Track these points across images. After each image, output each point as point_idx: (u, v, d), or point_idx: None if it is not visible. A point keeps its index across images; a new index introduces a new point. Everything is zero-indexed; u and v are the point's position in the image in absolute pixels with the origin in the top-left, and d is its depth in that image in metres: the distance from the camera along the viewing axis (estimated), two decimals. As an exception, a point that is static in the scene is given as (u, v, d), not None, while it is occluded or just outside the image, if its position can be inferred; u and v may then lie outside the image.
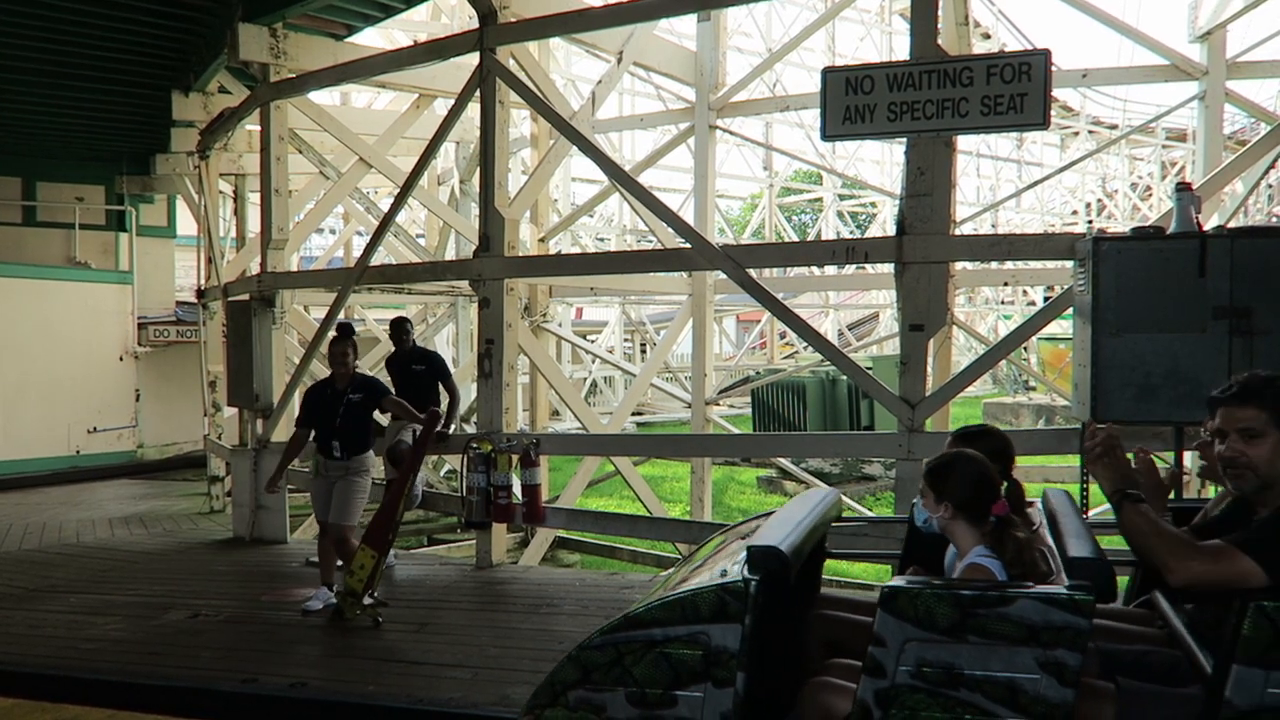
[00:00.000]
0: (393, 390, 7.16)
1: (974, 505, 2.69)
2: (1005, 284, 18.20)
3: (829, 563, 3.75)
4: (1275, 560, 2.20)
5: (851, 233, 29.85)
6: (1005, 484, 2.89)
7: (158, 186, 15.61)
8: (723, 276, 9.13)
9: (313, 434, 6.47)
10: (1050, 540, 2.75)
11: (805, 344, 25.16)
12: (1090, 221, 27.87)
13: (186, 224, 16.60)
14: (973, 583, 2.49)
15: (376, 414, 6.73)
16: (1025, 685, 2.29)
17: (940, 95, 5.37)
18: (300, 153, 9.62)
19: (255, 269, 9.59)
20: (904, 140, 5.87)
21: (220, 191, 12.58)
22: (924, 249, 5.58)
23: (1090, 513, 5.49)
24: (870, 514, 10.90)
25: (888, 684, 2.38)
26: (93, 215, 15.95)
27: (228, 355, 9.69)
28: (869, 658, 2.40)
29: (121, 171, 15.86)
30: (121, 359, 15.20)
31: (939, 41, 5.63)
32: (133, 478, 13.88)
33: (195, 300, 13.54)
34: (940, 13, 5.82)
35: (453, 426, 7.46)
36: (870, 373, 6.86)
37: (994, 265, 12.74)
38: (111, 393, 14.92)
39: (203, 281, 12.00)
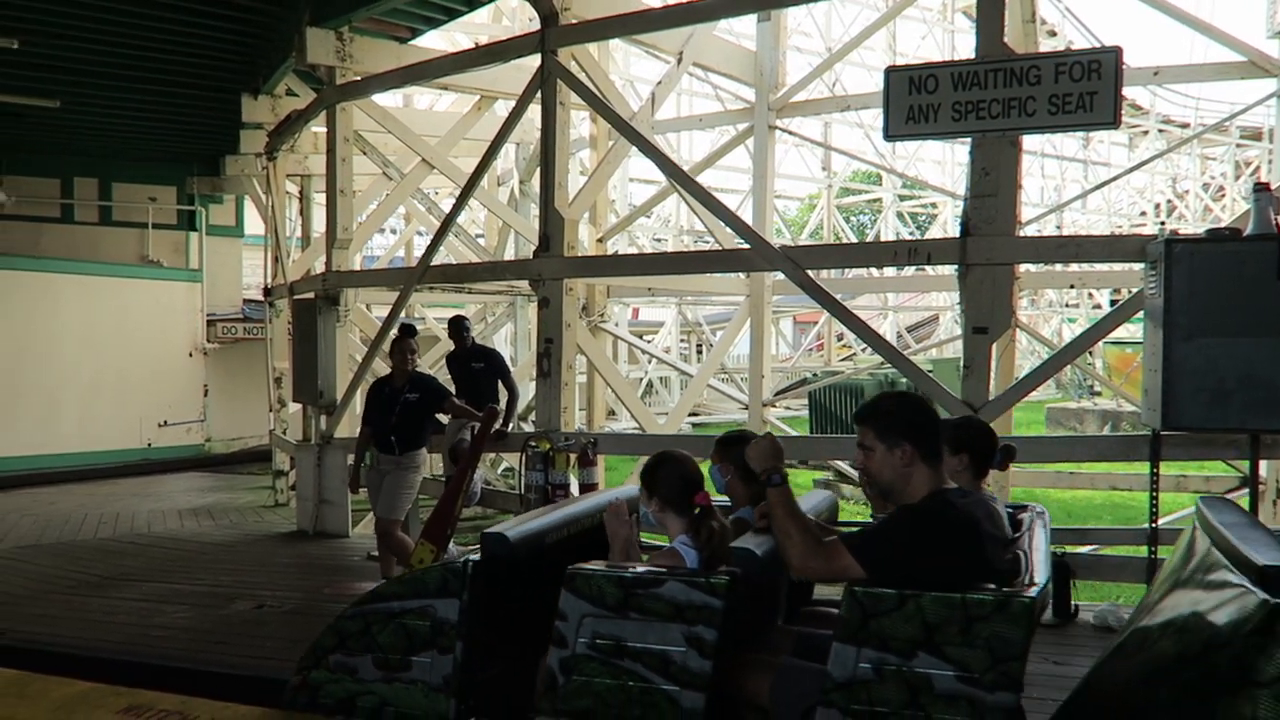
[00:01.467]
0: (453, 388, 7.26)
1: (677, 499, 2.98)
2: (1071, 286, 17.86)
3: None
4: (872, 556, 2.51)
5: (911, 234, 29.45)
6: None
7: (227, 187, 16.03)
8: (781, 277, 9.10)
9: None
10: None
11: (863, 346, 24.92)
12: (1162, 223, 27.11)
13: (254, 224, 17.03)
14: (649, 565, 2.86)
15: (439, 414, 6.83)
16: (674, 656, 2.62)
17: (1006, 94, 5.29)
18: (364, 154, 9.79)
19: (320, 268, 9.79)
20: (968, 140, 5.79)
21: (286, 192, 12.87)
22: (988, 250, 5.49)
23: (1160, 520, 5.35)
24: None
25: (569, 654, 2.68)
26: (165, 215, 16.43)
27: (293, 352, 9.91)
28: (555, 630, 2.70)
29: (192, 172, 16.33)
30: (191, 355, 15.63)
31: (1005, 39, 5.53)
32: (201, 470, 14.28)
33: (262, 298, 13.88)
34: (1006, 10, 5.71)
35: (511, 424, 7.53)
36: (931, 376, 6.76)
37: (1058, 267, 12.49)
38: (181, 388, 15.36)
39: (269, 280, 12.29)
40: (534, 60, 7.22)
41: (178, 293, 15.66)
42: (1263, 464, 5.05)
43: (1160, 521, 5.33)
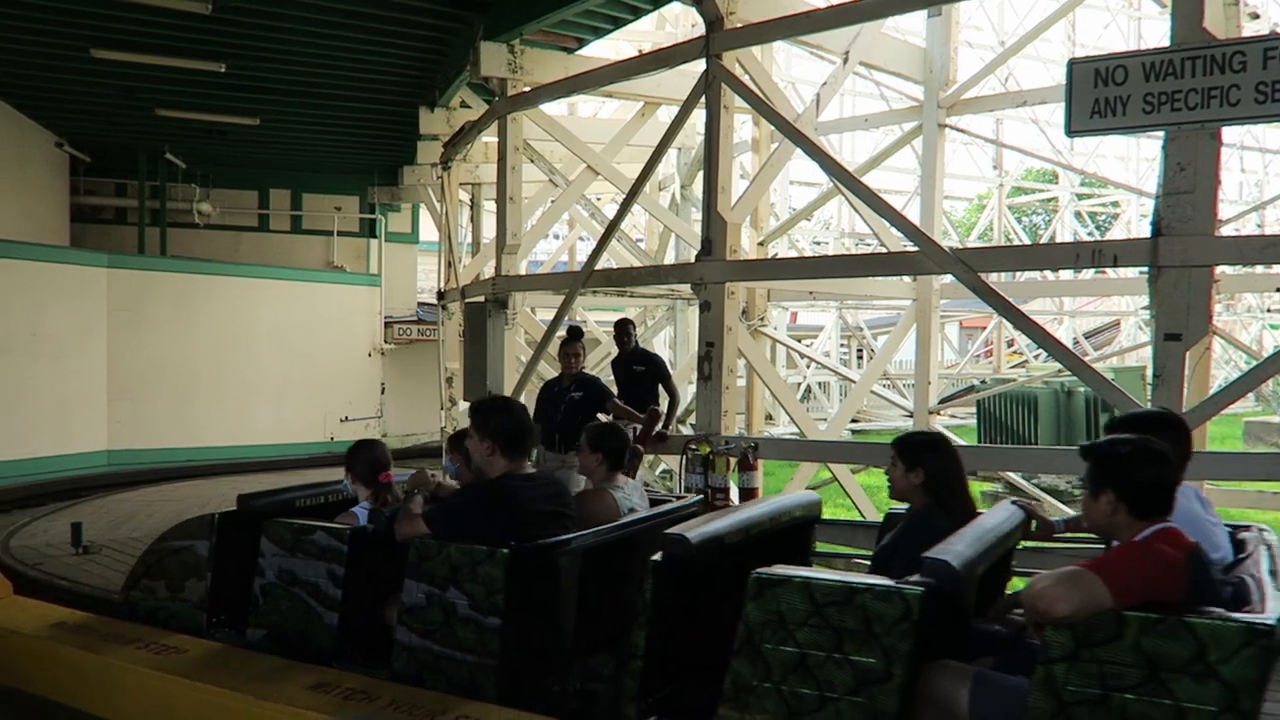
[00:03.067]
0: (615, 390, 7.39)
1: (368, 476, 4.20)
2: (1278, 290, 16.36)
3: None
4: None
5: (1090, 234, 27.79)
6: None
7: (404, 196, 16.92)
8: (949, 281, 8.78)
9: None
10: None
11: (1037, 353, 23.72)
12: (1382, 220, 24.50)
13: (428, 230, 17.91)
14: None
15: (600, 415, 6.97)
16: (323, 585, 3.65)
17: (1206, 83, 4.91)
18: (532, 162, 10.11)
19: (489, 272, 10.18)
20: (1158, 134, 5.42)
21: (459, 200, 13.47)
22: (1183, 251, 5.11)
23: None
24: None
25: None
26: (348, 223, 17.52)
27: (463, 353, 10.33)
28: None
29: (373, 182, 17.34)
30: (370, 355, 16.57)
31: (1204, 24, 5.14)
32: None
33: (435, 301, 14.56)
34: (1207, -7, 5.31)
35: (671, 427, 7.59)
36: (1115, 385, 6.37)
37: (1259, 270, 11.49)
38: (361, 386, 16.31)
39: (442, 284, 12.87)
40: (697, 65, 7.26)
41: (359, 296, 16.64)
42: None
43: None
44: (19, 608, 4.64)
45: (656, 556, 2.90)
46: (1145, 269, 5.40)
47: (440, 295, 12.86)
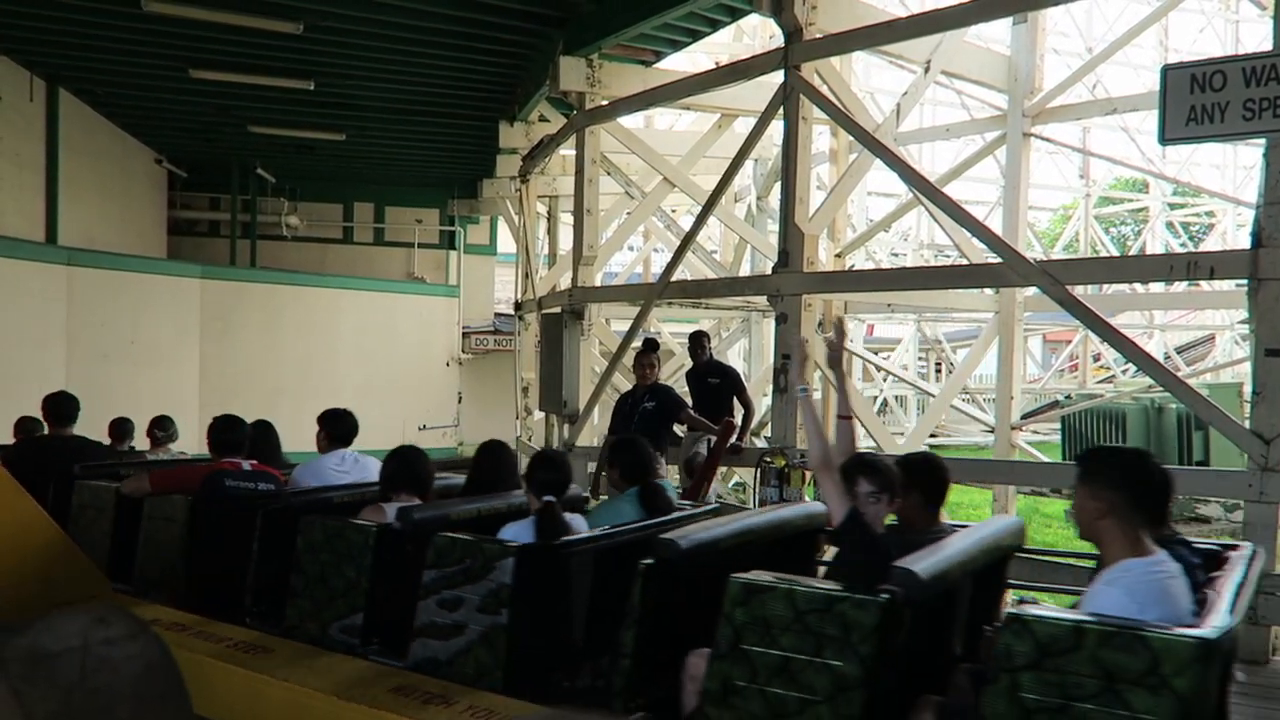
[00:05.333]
0: (690, 401, 7.39)
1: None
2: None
3: None
4: None
5: (1182, 245, 26.78)
6: None
7: (483, 208, 17.22)
8: (1033, 293, 8.54)
9: None
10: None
11: (1124, 368, 22.93)
12: None
13: (505, 242, 18.18)
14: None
15: (675, 426, 6.98)
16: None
17: (1313, 88, 4.71)
18: (608, 174, 10.18)
19: (566, 284, 10.28)
20: (1259, 142, 5.21)
21: (536, 212, 13.64)
22: (1287, 263, 4.90)
23: None
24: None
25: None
26: (428, 235, 17.90)
27: (540, 363, 10.44)
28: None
29: (453, 195, 17.70)
30: (448, 364, 16.88)
31: (1310, 27, 4.94)
32: (455, 471, 15.31)
33: (512, 312, 14.75)
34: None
35: (745, 440, 7.55)
36: (1211, 402, 6.12)
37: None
38: (438, 394, 16.62)
39: (519, 295, 13.04)
40: (774, 77, 7.23)
41: (437, 307, 16.98)
42: None
43: None
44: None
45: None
46: (1244, 281, 5.19)
47: (517, 306, 13.02)
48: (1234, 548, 3.09)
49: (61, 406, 5.74)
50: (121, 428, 7.22)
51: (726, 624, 2.65)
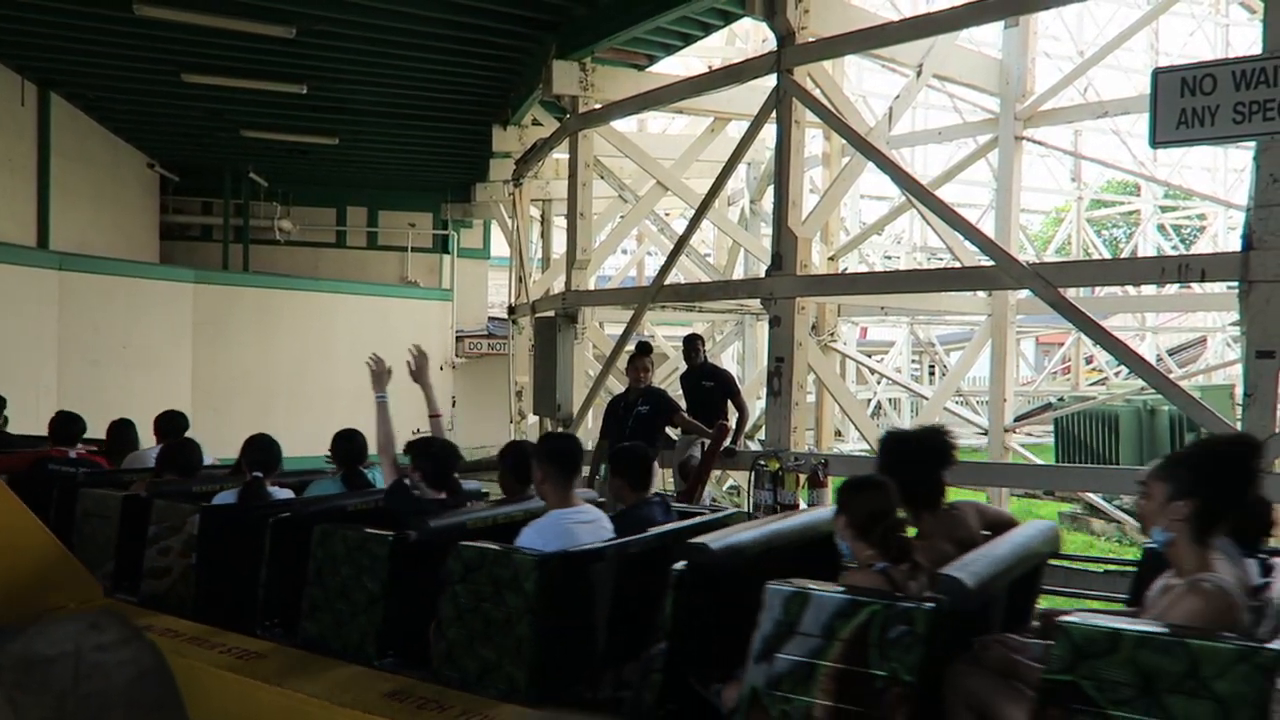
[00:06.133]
0: (684, 405, 7.39)
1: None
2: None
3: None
4: None
5: (1174, 248, 26.88)
6: None
7: (476, 212, 17.21)
8: (1026, 296, 8.58)
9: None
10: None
11: (1117, 370, 23.00)
12: None
13: (499, 246, 18.18)
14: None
15: (668, 429, 6.98)
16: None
17: (1302, 91, 4.74)
18: (602, 178, 10.19)
19: (559, 287, 10.28)
20: (1248, 145, 5.24)
21: (529, 216, 13.65)
22: (1277, 266, 4.92)
23: None
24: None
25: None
26: (421, 239, 17.88)
27: (533, 367, 10.44)
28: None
29: (446, 199, 17.68)
30: (441, 369, 16.83)
31: (1299, 30, 4.96)
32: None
33: (505, 316, 14.75)
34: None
35: (740, 442, 7.55)
36: (1203, 404, 6.15)
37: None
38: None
39: (512, 299, 13.04)
40: (767, 80, 7.24)
41: (431, 311, 16.96)
42: None
43: None
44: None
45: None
46: (1235, 284, 5.21)
47: (511, 310, 13.03)
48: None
49: None
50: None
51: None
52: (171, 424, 6.14)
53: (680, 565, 2.92)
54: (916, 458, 3.15)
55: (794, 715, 2.51)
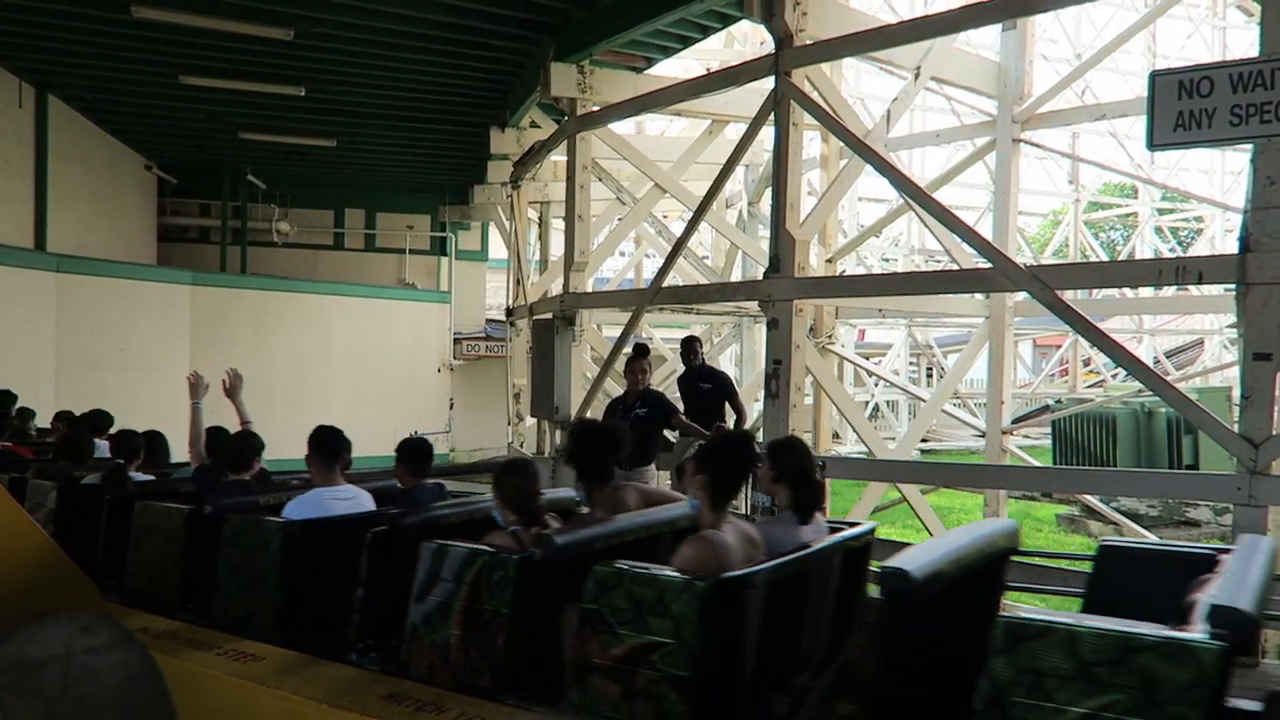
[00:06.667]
0: (682, 407, 7.39)
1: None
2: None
3: None
4: None
5: (1171, 250, 26.92)
6: None
7: (474, 214, 17.21)
8: (1023, 298, 8.58)
9: None
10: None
11: (1114, 372, 23.02)
12: None
13: (496, 248, 18.18)
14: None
15: (667, 431, 6.98)
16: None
17: (1299, 94, 4.75)
18: (600, 180, 10.19)
19: (557, 290, 10.28)
20: (1245, 148, 5.24)
21: (528, 218, 13.64)
22: (1274, 268, 4.92)
23: None
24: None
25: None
26: (419, 241, 17.88)
27: (531, 369, 10.44)
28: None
29: (444, 201, 17.68)
30: (439, 370, 16.84)
31: (1296, 33, 4.97)
32: (444, 478, 15.29)
33: (503, 318, 14.74)
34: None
35: (738, 445, 7.54)
36: (1200, 406, 6.14)
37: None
38: (430, 400, 16.58)
39: (510, 301, 13.04)
40: (765, 83, 7.24)
41: (429, 313, 16.95)
42: None
43: None
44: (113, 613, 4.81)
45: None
46: (1232, 286, 5.21)
47: (509, 312, 13.02)
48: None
49: None
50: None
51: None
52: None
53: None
54: (595, 446, 3.68)
55: (438, 643, 3.13)
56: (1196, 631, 2.02)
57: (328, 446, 4.39)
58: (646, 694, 2.65)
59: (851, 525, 3.58)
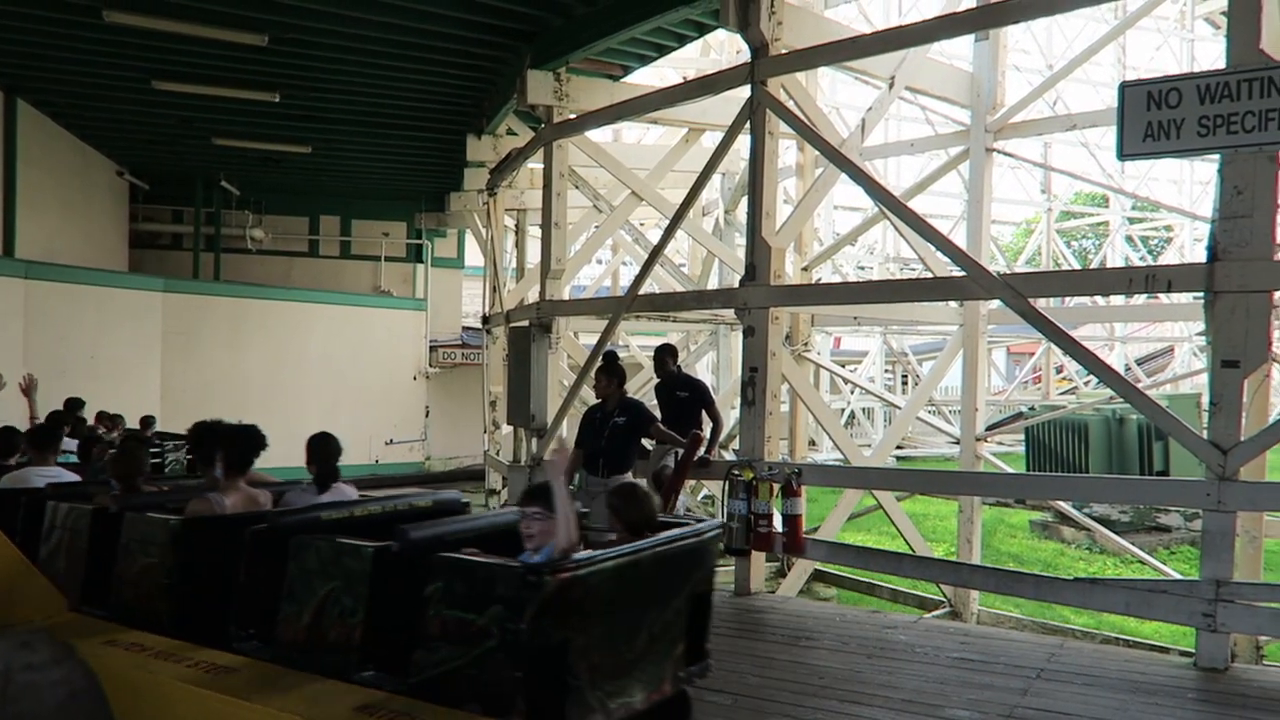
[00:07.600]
0: (659, 414, 7.38)
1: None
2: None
3: None
4: None
5: (1141, 259, 27.28)
6: None
7: (450, 222, 17.16)
8: (997, 306, 8.66)
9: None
10: None
11: (1086, 379, 23.28)
12: None
13: (473, 256, 18.13)
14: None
15: (644, 440, 6.97)
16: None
17: (1265, 105, 4.82)
18: (577, 188, 10.19)
19: (534, 297, 10.26)
20: (1212, 158, 5.33)
21: (504, 225, 13.62)
22: (1241, 276, 5.00)
23: None
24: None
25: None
26: (395, 248, 17.80)
27: (507, 377, 10.40)
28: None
29: (420, 209, 17.62)
30: (415, 378, 16.75)
31: (1262, 46, 5.05)
32: (421, 487, 15.21)
33: (479, 326, 14.70)
34: (1264, 14, 5.21)
35: (714, 452, 7.55)
36: (1170, 413, 6.22)
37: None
38: (406, 409, 16.48)
39: (486, 308, 13.00)
40: (741, 91, 7.27)
41: (405, 320, 16.87)
42: None
43: None
44: (78, 625, 4.73)
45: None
46: (1201, 294, 5.29)
47: (485, 319, 12.98)
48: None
49: None
50: None
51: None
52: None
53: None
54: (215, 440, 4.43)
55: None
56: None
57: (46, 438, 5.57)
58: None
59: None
